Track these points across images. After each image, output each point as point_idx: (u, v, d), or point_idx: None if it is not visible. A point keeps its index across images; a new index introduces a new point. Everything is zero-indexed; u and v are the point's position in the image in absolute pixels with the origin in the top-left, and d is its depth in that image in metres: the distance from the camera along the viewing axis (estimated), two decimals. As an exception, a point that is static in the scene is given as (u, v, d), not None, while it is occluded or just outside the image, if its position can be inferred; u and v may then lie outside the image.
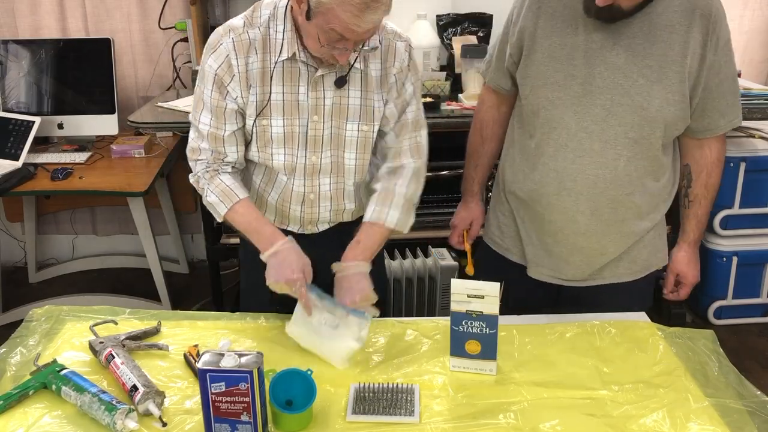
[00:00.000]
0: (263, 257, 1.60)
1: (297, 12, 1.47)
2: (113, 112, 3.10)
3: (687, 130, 1.69)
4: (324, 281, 1.62)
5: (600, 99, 1.61)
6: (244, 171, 1.75)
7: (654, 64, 1.58)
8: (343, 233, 1.74)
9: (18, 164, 2.89)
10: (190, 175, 1.70)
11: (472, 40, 3.09)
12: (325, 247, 1.71)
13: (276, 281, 1.57)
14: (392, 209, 1.65)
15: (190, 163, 1.68)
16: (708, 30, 1.57)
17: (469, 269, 1.79)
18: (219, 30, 1.58)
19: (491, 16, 3.19)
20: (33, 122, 2.99)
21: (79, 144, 3.15)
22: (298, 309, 1.59)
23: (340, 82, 1.57)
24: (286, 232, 1.69)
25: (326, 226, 1.77)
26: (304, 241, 1.70)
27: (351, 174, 1.69)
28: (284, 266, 1.57)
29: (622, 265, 1.79)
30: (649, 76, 1.58)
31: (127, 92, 3.45)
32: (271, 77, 1.56)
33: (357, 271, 1.62)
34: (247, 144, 1.67)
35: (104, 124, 3.12)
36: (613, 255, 1.76)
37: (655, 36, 1.58)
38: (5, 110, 3.09)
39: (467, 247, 1.80)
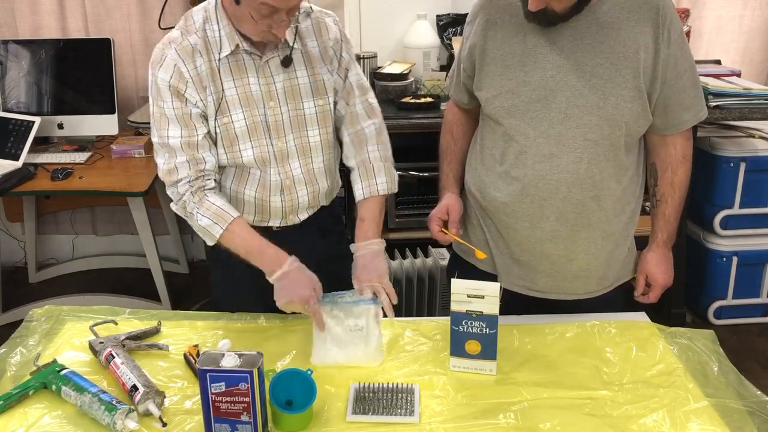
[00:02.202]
0: (271, 279, 1.61)
1: (227, 4, 1.55)
2: (113, 112, 3.10)
3: (652, 127, 1.67)
4: (316, 268, 1.64)
5: (555, 102, 1.60)
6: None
7: (605, 62, 1.57)
8: (319, 220, 1.80)
9: (18, 164, 2.89)
10: (172, 204, 1.66)
11: (472, 40, 3.09)
12: (305, 238, 1.76)
13: (290, 301, 1.58)
14: (378, 177, 1.73)
15: (169, 192, 1.65)
16: (658, 24, 1.57)
17: (479, 254, 1.73)
18: (158, 46, 1.61)
19: (491, 16, 3.18)
20: (33, 122, 2.99)
21: (79, 144, 3.15)
22: (315, 336, 1.58)
23: (286, 62, 1.62)
24: (267, 229, 1.73)
25: (305, 215, 1.78)
26: (285, 235, 1.73)
27: (318, 151, 1.71)
28: (296, 286, 1.58)
29: (592, 282, 1.76)
30: (602, 75, 1.57)
31: (127, 92, 3.45)
32: (220, 74, 1.59)
33: (371, 249, 1.66)
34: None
35: (104, 124, 3.12)
36: (583, 262, 1.72)
37: (603, 34, 1.57)
38: (5, 110, 3.09)
39: (452, 235, 1.75)
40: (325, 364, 1.55)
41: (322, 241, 1.82)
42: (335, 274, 1.68)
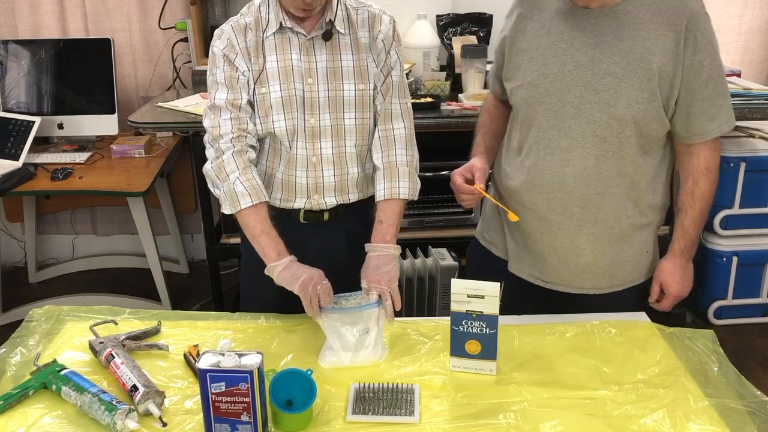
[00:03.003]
0: (272, 267, 1.64)
1: None
2: (113, 112, 3.10)
3: (675, 135, 1.67)
4: (332, 269, 1.65)
5: (569, 97, 1.62)
6: None
7: (621, 60, 1.58)
8: (347, 222, 1.82)
9: (18, 164, 2.89)
10: (206, 165, 1.72)
11: (472, 40, 3.09)
12: (330, 235, 1.80)
13: (294, 280, 1.60)
14: (401, 180, 1.74)
15: (209, 152, 1.72)
16: (683, 29, 1.57)
17: (512, 215, 1.71)
18: (221, 26, 1.75)
19: (491, 16, 3.19)
20: (33, 122, 2.99)
21: (79, 144, 3.15)
22: (326, 343, 1.59)
23: (327, 36, 1.68)
24: (292, 222, 1.76)
25: (333, 200, 1.78)
26: (308, 230, 1.78)
27: (352, 135, 1.74)
28: (302, 270, 1.61)
29: (600, 279, 1.77)
30: (616, 74, 1.58)
31: (127, 92, 3.45)
32: (264, 48, 1.70)
33: (387, 253, 1.68)
34: None
35: (104, 124, 3.12)
36: (590, 258, 1.72)
37: (622, 33, 1.58)
38: (5, 110, 3.09)
39: (478, 187, 1.69)
40: (335, 367, 1.55)
41: (345, 243, 1.83)
42: (350, 275, 1.68)
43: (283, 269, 1.62)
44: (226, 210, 1.68)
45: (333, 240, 1.82)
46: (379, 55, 1.75)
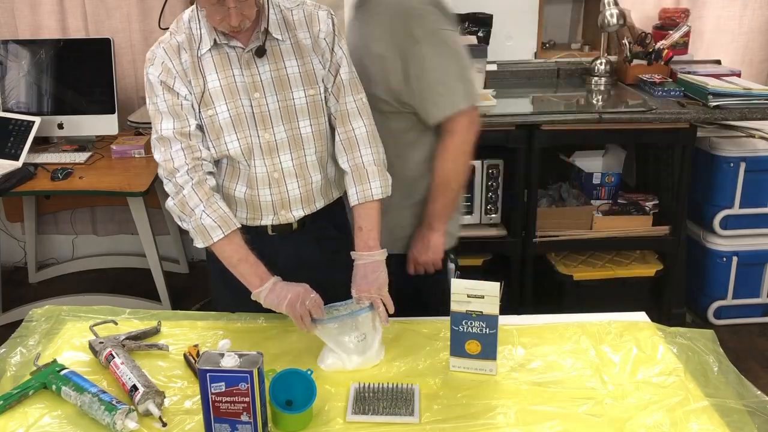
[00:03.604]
0: (256, 293, 1.61)
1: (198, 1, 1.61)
2: (113, 112, 3.10)
3: (421, 117, 1.85)
4: (308, 278, 1.63)
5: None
6: None
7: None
8: (317, 228, 1.78)
9: (18, 164, 2.89)
10: (168, 201, 1.66)
11: (472, 40, 3.09)
12: (301, 246, 1.76)
13: (280, 303, 1.59)
14: (371, 182, 1.70)
15: (167, 187, 1.65)
16: (399, 24, 1.77)
17: None
18: (152, 47, 1.69)
19: (491, 16, 3.19)
20: (33, 122, 2.99)
21: (79, 144, 3.15)
22: (325, 348, 1.58)
23: (260, 52, 1.62)
24: (260, 236, 1.72)
25: (300, 212, 1.74)
26: (279, 241, 1.74)
27: (310, 143, 1.69)
28: (288, 289, 1.60)
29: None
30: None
31: (127, 92, 3.45)
32: (202, 68, 1.62)
33: (373, 260, 1.66)
34: None
35: (104, 124, 3.12)
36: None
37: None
38: (5, 110, 3.09)
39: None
40: (335, 370, 1.55)
41: (318, 250, 1.80)
42: (329, 282, 1.66)
43: (269, 293, 1.60)
44: (199, 244, 1.65)
45: (303, 248, 1.78)
46: (324, 55, 1.68)
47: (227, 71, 1.62)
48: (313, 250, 1.79)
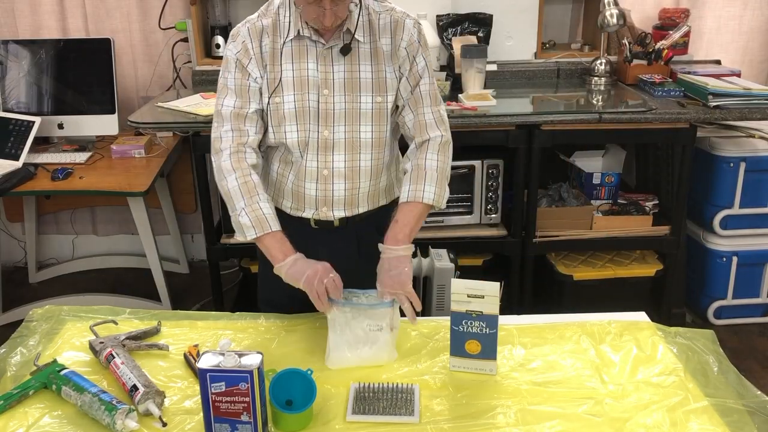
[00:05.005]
0: (279, 266, 1.62)
1: None
2: (113, 112, 3.10)
3: None
4: (343, 273, 1.62)
5: None
6: (264, 164, 1.78)
7: None
8: (359, 228, 1.79)
9: (18, 164, 2.89)
10: (219, 184, 1.68)
11: (472, 40, 3.09)
12: (341, 240, 1.76)
13: (301, 276, 1.58)
14: (427, 185, 1.67)
15: (214, 165, 1.69)
16: None
17: None
18: (238, 25, 1.71)
19: (491, 16, 3.19)
20: (33, 122, 2.99)
21: (79, 144, 3.15)
22: (331, 341, 1.58)
23: (345, 50, 1.64)
24: (303, 226, 1.75)
25: (341, 213, 1.76)
26: (322, 236, 1.76)
27: (367, 148, 1.71)
28: (309, 264, 1.60)
29: None
30: None
31: (127, 92, 3.45)
32: (281, 56, 1.66)
33: (397, 255, 1.63)
34: (265, 129, 1.72)
35: (104, 124, 3.12)
36: None
37: None
38: (5, 110, 3.09)
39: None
40: (341, 367, 1.55)
41: (357, 251, 1.80)
42: (366, 284, 1.65)
43: (289, 268, 1.61)
44: (238, 238, 1.67)
45: (344, 245, 1.79)
46: (403, 65, 1.68)
47: (303, 64, 1.66)
48: (352, 250, 1.80)
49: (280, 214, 1.71)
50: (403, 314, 1.60)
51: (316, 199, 1.74)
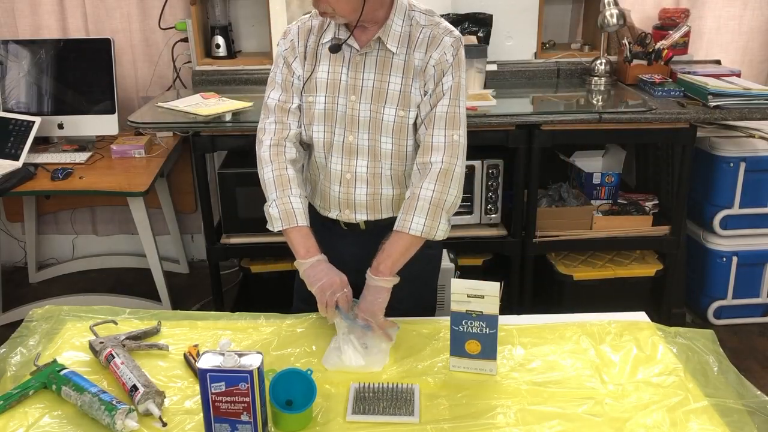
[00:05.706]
0: (301, 262, 1.64)
1: None
2: (113, 112, 3.10)
3: None
4: (357, 280, 1.66)
5: None
6: (305, 162, 1.82)
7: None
8: (381, 235, 1.74)
9: (18, 164, 2.89)
10: (260, 172, 1.73)
11: (472, 40, 3.09)
12: (367, 243, 1.74)
13: (318, 282, 1.61)
14: (416, 216, 1.63)
15: (257, 153, 1.74)
16: None
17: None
18: (292, 23, 1.78)
19: (491, 16, 3.19)
20: (33, 122, 2.99)
21: (79, 144, 3.15)
22: (331, 345, 1.60)
23: (334, 49, 1.67)
24: (334, 226, 1.78)
25: (364, 216, 1.78)
26: (350, 238, 1.79)
27: (387, 158, 1.72)
28: (329, 272, 1.62)
29: None
30: None
31: (127, 92, 3.45)
32: (320, 57, 1.71)
33: (376, 285, 1.63)
34: None
35: (104, 124, 3.12)
36: None
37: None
38: (5, 110, 3.09)
39: None
40: (335, 369, 1.55)
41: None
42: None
43: (309, 267, 1.63)
44: (269, 227, 1.71)
45: (370, 248, 1.74)
46: (428, 82, 1.66)
47: (337, 67, 1.70)
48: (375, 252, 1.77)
49: (314, 212, 1.75)
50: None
51: (339, 201, 1.77)
